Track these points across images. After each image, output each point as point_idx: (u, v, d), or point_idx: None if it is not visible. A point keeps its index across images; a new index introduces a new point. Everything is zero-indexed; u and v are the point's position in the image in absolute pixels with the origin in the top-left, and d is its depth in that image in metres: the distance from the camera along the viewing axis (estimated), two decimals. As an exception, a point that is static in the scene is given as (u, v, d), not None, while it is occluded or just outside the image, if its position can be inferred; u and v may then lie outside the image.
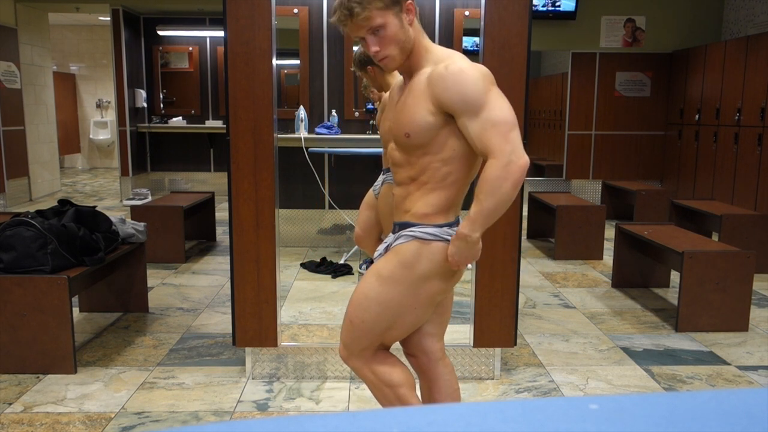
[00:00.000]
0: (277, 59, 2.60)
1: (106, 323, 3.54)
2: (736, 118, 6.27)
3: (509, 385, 2.81)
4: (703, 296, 3.49)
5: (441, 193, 1.69)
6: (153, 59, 8.40)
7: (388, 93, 2.48)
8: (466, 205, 1.66)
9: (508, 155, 1.55)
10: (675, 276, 4.46)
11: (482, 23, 2.57)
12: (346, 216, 5.31)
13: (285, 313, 3.62)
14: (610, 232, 5.67)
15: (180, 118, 8.46)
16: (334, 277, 4.46)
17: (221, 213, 6.91)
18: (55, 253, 2.91)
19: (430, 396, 1.96)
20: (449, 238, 1.70)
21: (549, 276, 4.70)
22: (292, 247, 5.33)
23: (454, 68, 1.60)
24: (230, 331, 3.35)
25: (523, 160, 1.56)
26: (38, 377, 2.82)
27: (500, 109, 1.58)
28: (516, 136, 1.57)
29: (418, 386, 1.97)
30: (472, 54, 5.49)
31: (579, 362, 3.08)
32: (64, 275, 2.84)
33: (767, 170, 5.77)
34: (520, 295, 4.11)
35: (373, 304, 1.75)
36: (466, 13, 5.06)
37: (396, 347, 2.02)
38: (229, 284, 4.30)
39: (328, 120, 5.20)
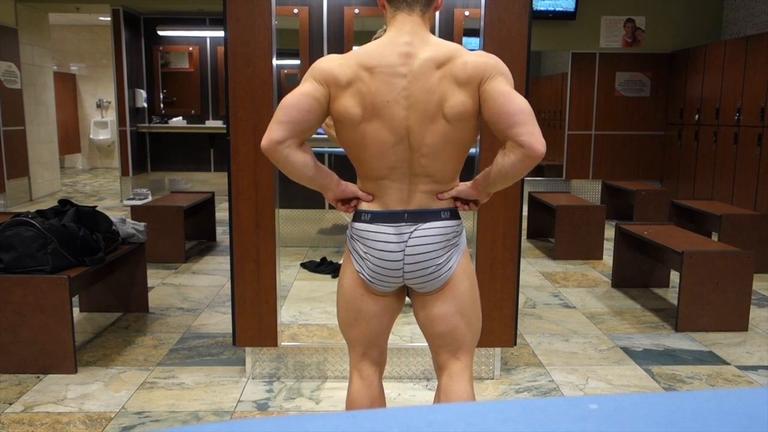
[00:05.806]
0: (277, 59, 2.60)
1: (106, 323, 3.54)
2: (736, 118, 6.27)
3: (509, 385, 2.81)
4: (702, 296, 3.49)
5: None
6: (153, 59, 8.40)
7: None
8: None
9: None
10: (675, 276, 4.46)
11: (482, 23, 2.57)
12: (345, 216, 5.30)
13: (285, 313, 3.62)
14: (610, 232, 5.66)
15: (180, 118, 8.46)
16: (334, 277, 4.45)
17: (221, 213, 6.90)
18: (55, 253, 2.91)
19: None
20: None
21: (549, 276, 4.70)
22: (292, 247, 5.33)
23: None
24: (230, 331, 3.35)
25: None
26: (38, 377, 2.82)
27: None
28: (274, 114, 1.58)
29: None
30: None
31: (579, 362, 3.08)
32: (64, 275, 2.84)
33: (767, 170, 5.77)
34: (520, 295, 4.11)
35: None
36: (466, 13, 5.05)
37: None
38: (229, 284, 4.30)
39: (328, 120, 5.18)
